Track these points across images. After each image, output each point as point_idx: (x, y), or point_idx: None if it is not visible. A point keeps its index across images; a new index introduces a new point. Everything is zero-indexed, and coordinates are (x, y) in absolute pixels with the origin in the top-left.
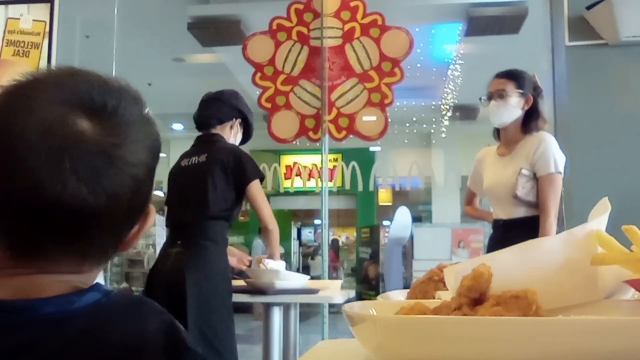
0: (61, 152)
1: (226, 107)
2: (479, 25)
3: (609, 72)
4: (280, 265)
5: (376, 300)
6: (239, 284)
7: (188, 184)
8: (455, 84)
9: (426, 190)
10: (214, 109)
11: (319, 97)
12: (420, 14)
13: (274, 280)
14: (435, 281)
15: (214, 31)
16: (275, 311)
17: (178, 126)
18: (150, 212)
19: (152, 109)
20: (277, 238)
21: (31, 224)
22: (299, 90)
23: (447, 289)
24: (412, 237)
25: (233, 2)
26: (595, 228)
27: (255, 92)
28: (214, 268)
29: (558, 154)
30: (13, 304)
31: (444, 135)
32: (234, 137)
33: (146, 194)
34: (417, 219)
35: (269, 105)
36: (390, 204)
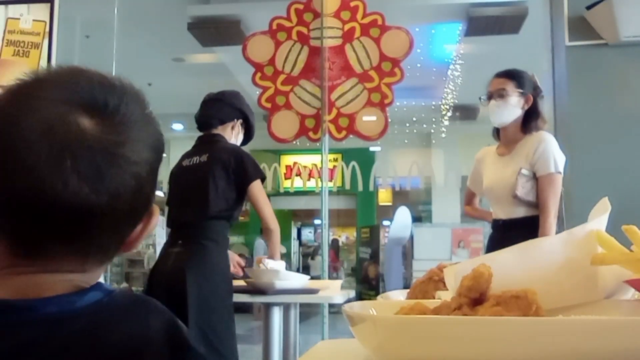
0: (62, 150)
1: (227, 107)
2: (479, 25)
3: (609, 72)
4: (280, 265)
5: (376, 300)
6: (239, 284)
7: (189, 184)
8: (455, 84)
9: (426, 190)
10: (215, 110)
11: (319, 97)
12: (420, 14)
13: (274, 280)
14: (435, 281)
15: (214, 31)
16: (275, 311)
17: (178, 126)
18: (154, 213)
19: (152, 109)
20: (279, 238)
21: (32, 222)
22: (299, 90)
23: (447, 289)
24: (412, 237)
25: (233, 2)
26: (595, 228)
27: (255, 92)
28: (215, 268)
29: (558, 153)
30: (14, 303)
31: (444, 135)
32: (235, 138)
33: (149, 194)
34: (417, 219)
35: (269, 105)
36: (390, 204)
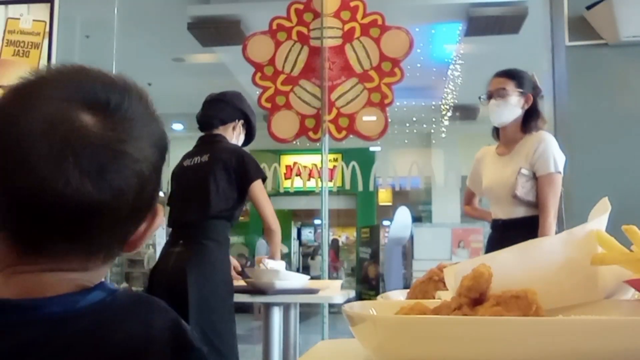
0: (64, 147)
1: (229, 108)
2: (479, 25)
3: (609, 72)
4: (280, 265)
5: (376, 300)
6: (239, 284)
7: (190, 184)
8: (455, 84)
9: (426, 190)
10: (216, 110)
11: (319, 97)
12: (420, 14)
13: (274, 280)
14: (435, 281)
15: (214, 31)
16: (275, 311)
17: (178, 126)
18: (158, 212)
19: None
20: (280, 238)
21: (35, 220)
22: (299, 90)
23: (447, 289)
24: (412, 237)
25: (233, 2)
26: (595, 228)
27: (255, 92)
28: (216, 268)
29: (558, 153)
30: (17, 303)
31: (444, 135)
32: (236, 138)
33: (152, 192)
34: (417, 219)
35: (269, 105)
36: (390, 204)
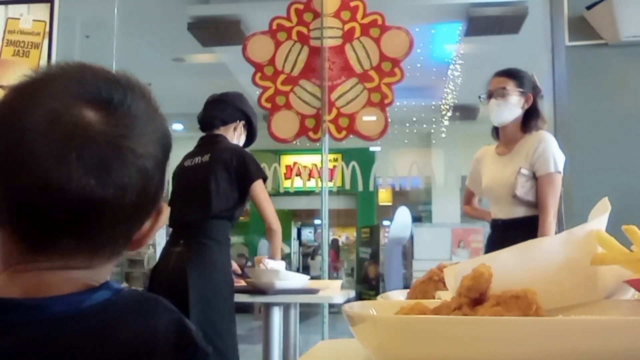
0: (67, 142)
1: (230, 108)
2: (479, 25)
3: (609, 72)
4: (280, 265)
5: (376, 300)
6: (239, 283)
7: (191, 183)
8: (455, 84)
9: (426, 190)
10: (218, 110)
11: (319, 97)
12: (420, 14)
13: (274, 280)
14: (435, 281)
15: (214, 31)
16: (275, 311)
17: (178, 126)
18: (162, 210)
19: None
20: (280, 238)
21: (39, 216)
22: (299, 90)
23: (447, 289)
24: (412, 237)
25: (233, 2)
26: (595, 228)
27: (255, 92)
28: (217, 267)
29: (557, 153)
30: (20, 302)
31: (444, 135)
32: (237, 139)
33: (156, 189)
34: (417, 219)
35: (269, 105)
36: (390, 204)
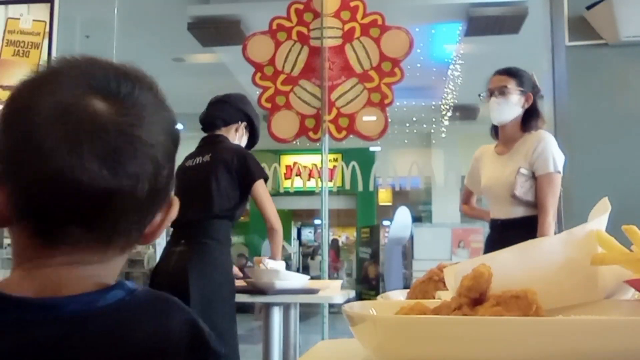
0: (78, 132)
1: (232, 109)
2: (479, 25)
3: (609, 72)
4: (280, 265)
5: (376, 300)
6: (239, 284)
7: (192, 183)
8: (455, 84)
9: (426, 190)
10: (220, 111)
11: (319, 97)
12: (420, 14)
13: (274, 280)
14: (435, 281)
15: (214, 31)
16: (275, 311)
17: (178, 126)
18: (173, 203)
19: None
20: (281, 238)
21: (52, 206)
22: (299, 90)
23: (447, 289)
24: (412, 237)
25: (233, 2)
26: (595, 228)
27: (255, 92)
28: (217, 267)
29: (557, 153)
30: (36, 301)
31: (444, 135)
32: (238, 140)
33: (167, 179)
34: (417, 219)
35: (269, 105)
36: (390, 204)
